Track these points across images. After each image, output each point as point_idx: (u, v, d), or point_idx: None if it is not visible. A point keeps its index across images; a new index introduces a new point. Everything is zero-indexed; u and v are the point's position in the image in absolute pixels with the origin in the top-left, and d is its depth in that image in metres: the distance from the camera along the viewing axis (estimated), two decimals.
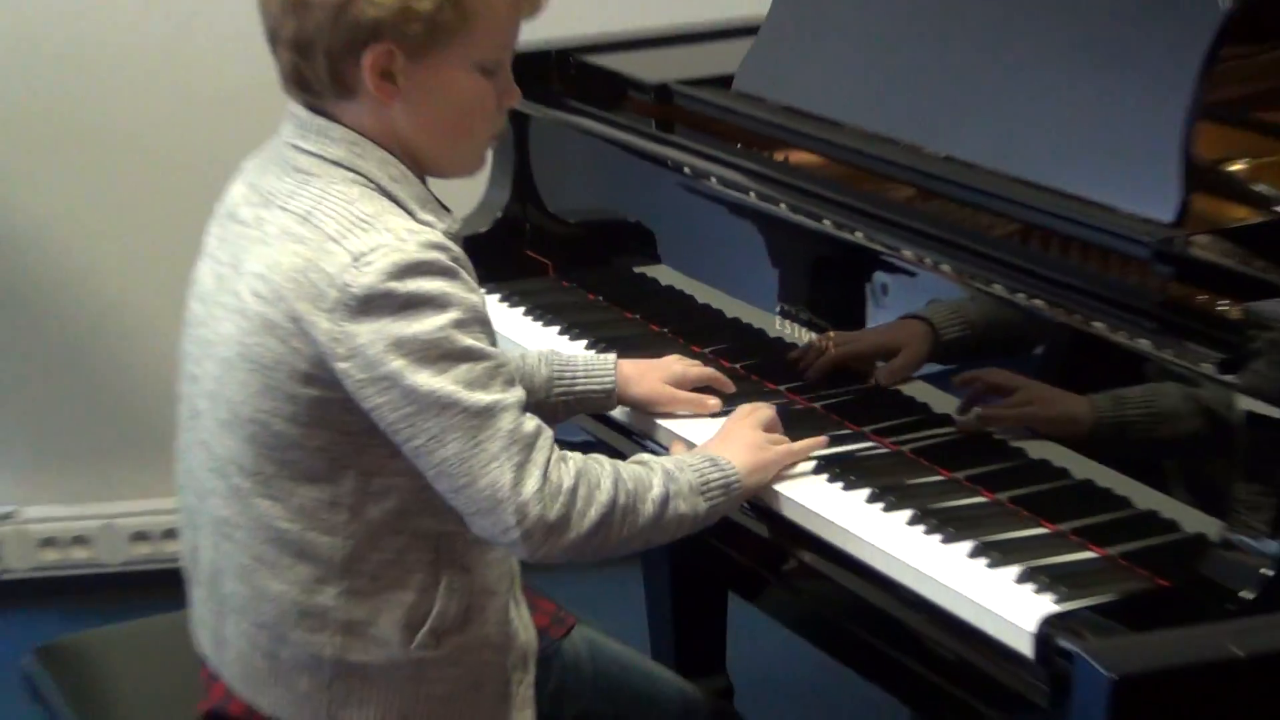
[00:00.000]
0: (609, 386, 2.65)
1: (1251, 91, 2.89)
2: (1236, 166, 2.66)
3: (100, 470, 4.30)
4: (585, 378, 2.65)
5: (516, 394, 2.21)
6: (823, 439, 2.51)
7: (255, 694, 2.39)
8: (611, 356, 2.70)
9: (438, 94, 2.27)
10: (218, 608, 2.39)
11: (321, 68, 2.22)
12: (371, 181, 2.25)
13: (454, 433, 2.16)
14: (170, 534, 3.96)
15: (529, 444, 2.19)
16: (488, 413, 2.17)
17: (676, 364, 2.71)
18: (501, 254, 3.24)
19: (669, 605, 3.28)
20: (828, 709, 3.73)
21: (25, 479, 4.34)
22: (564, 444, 2.64)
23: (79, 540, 4.35)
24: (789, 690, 3.65)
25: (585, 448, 2.73)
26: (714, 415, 2.64)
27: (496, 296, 3.13)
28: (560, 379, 2.63)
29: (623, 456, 2.41)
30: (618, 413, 2.73)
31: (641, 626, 3.33)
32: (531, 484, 2.17)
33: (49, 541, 4.35)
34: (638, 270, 3.06)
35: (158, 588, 2.57)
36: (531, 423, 2.21)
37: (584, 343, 2.95)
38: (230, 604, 2.36)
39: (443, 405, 2.16)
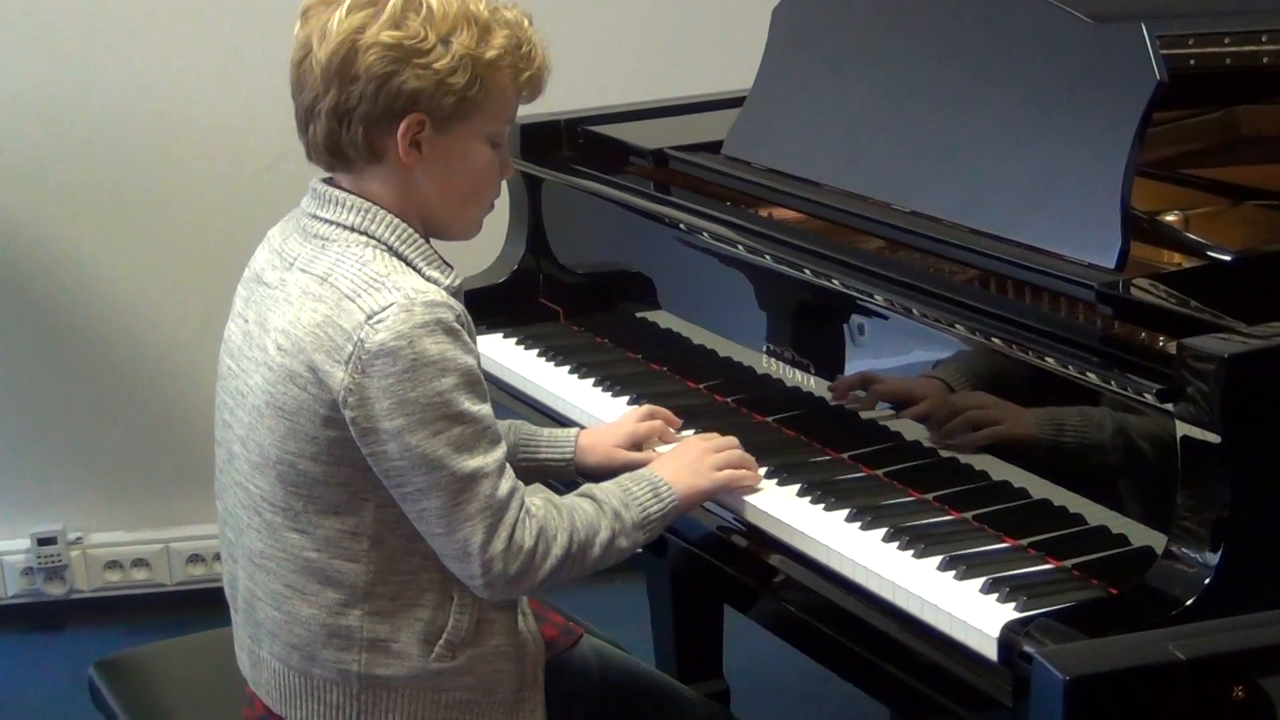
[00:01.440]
0: (568, 457, 2.65)
1: (1181, 151, 2.90)
2: (1170, 218, 2.66)
3: (158, 500, 4.30)
4: (547, 448, 2.66)
5: (497, 454, 2.25)
6: (756, 478, 2.51)
7: (291, 710, 2.39)
8: (573, 431, 2.69)
9: (456, 161, 2.30)
10: (254, 632, 2.40)
11: (358, 135, 2.24)
12: (382, 243, 2.27)
13: (438, 491, 2.21)
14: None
15: (501, 509, 2.23)
16: (470, 479, 2.21)
17: (628, 425, 2.69)
18: (517, 302, 3.24)
19: (670, 616, 3.27)
20: (814, 709, 3.72)
21: (91, 508, 4.34)
22: None
23: (139, 562, 4.34)
24: (780, 692, 3.64)
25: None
26: None
27: (513, 340, 3.14)
28: (525, 447, 2.63)
29: None
30: None
31: (645, 636, 3.33)
32: (498, 545, 2.22)
33: (112, 564, 4.35)
34: (639, 315, 3.06)
35: (210, 605, 2.57)
36: (506, 486, 2.25)
37: (590, 380, 2.95)
38: (265, 628, 2.37)
39: (432, 465, 2.20)
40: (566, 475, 2.67)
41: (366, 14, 2.21)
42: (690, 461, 2.47)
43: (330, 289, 2.22)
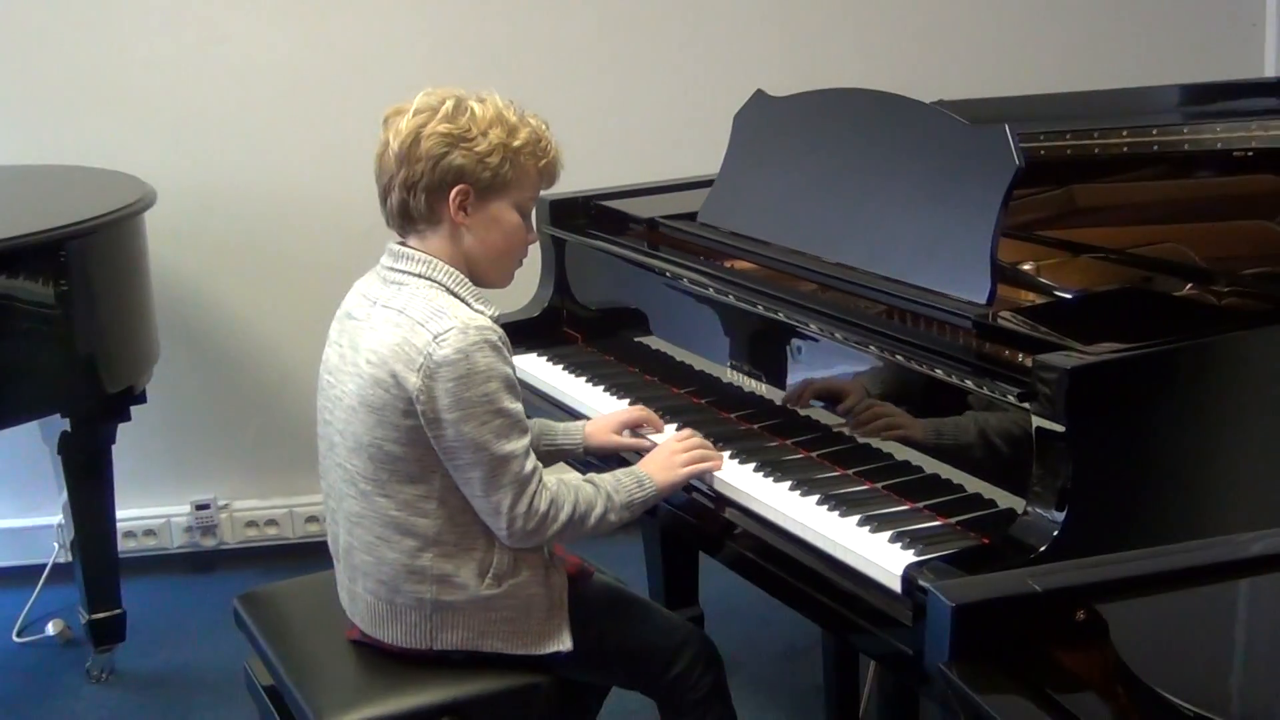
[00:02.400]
0: (577, 443, 2.67)
1: (1034, 218, 2.89)
2: (1026, 266, 2.65)
3: (285, 475, 4.29)
4: (563, 438, 2.67)
5: (526, 441, 2.29)
6: (716, 462, 2.49)
7: (380, 631, 2.40)
8: (582, 424, 2.70)
9: (493, 224, 2.35)
10: (351, 574, 2.41)
11: (421, 202, 2.31)
12: (442, 285, 2.32)
13: (480, 466, 2.25)
14: None
15: (525, 482, 2.28)
16: (505, 459, 2.25)
17: (624, 415, 2.71)
18: (547, 330, 3.23)
19: (659, 560, 3.26)
20: (767, 628, 3.71)
21: (236, 482, 4.33)
22: None
23: (270, 522, 4.33)
24: (741, 616, 3.62)
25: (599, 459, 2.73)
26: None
27: (545, 359, 3.13)
28: (546, 437, 2.64)
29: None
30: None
31: (641, 575, 3.31)
32: (521, 508, 2.27)
33: (251, 523, 4.33)
34: (637, 340, 3.04)
35: (322, 555, 2.55)
36: (530, 465, 2.29)
37: (601, 387, 2.93)
38: (360, 570, 2.38)
39: (478, 447, 2.24)
40: (578, 457, 2.70)
41: (428, 114, 2.30)
42: (665, 460, 2.48)
43: (406, 318, 2.27)
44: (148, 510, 4.29)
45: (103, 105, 4.04)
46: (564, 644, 2.39)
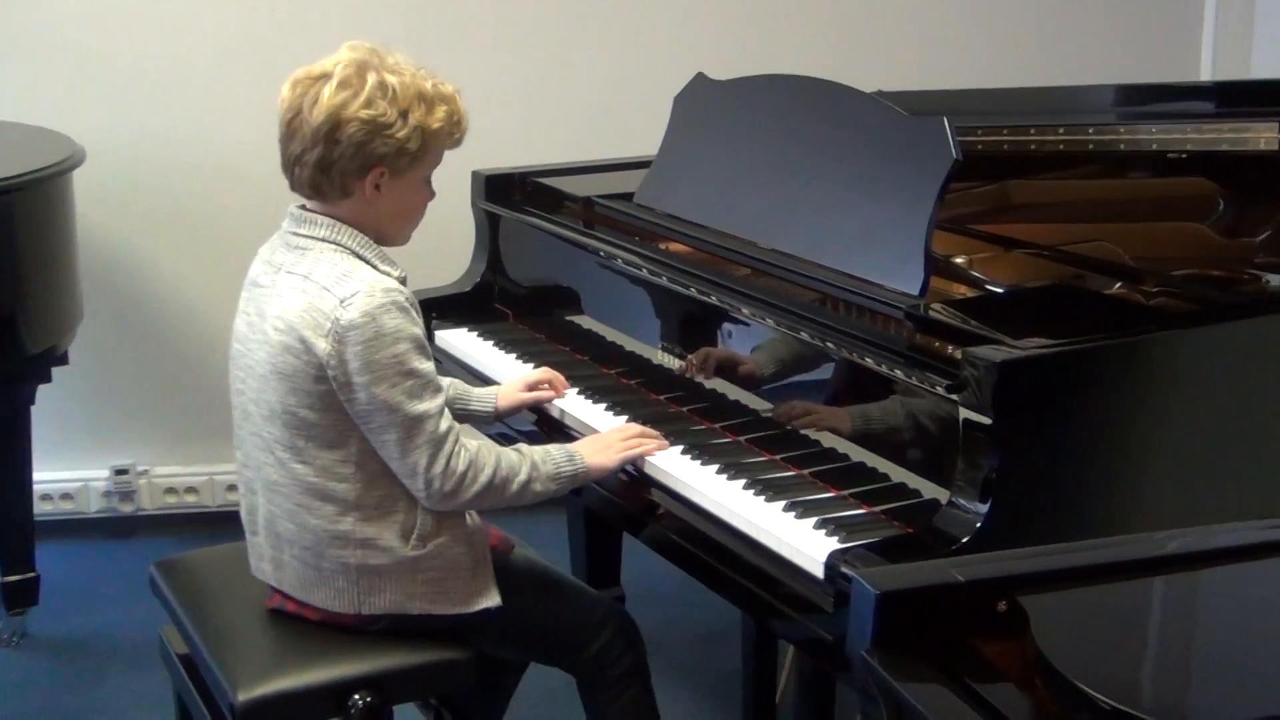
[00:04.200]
0: (489, 409, 2.71)
1: (968, 212, 2.91)
2: (959, 259, 2.66)
3: (206, 442, 4.24)
4: (476, 403, 2.70)
5: (439, 401, 2.30)
6: (653, 447, 2.48)
7: (308, 595, 2.39)
8: (494, 389, 2.74)
9: (402, 196, 2.36)
10: (275, 543, 2.40)
11: (336, 181, 2.31)
12: (347, 248, 2.32)
13: (395, 428, 2.26)
14: None
15: (440, 442, 2.28)
16: (419, 418, 2.26)
17: (530, 376, 2.76)
18: (479, 305, 3.22)
19: (583, 539, 3.25)
20: (687, 610, 3.71)
21: (156, 447, 4.28)
22: (517, 431, 2.63)
23: (190, 489, 4.29)
24: (662, 598, 3.63)
25: (528, 437, 2.73)
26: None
27: (475, 334, 3.11)
28: (459, 401, 2.66)
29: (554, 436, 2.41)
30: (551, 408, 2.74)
31: (565, 553, 3.31)
32: (437, 468, 2.27)
33: (170, 490, 4.29)
34: (568, 318, 3.04)
35: (242, 523, 2.53)
36: (444, 424, 2.29)
37: (531, 364, 2.92)
38: (284, 538, 2.38)
39: (390, 409, 2.25)
40: (489, 420, 2.73)
41: (349, 93, 2.28)
42: (602, 442, 2.49)
43: (311, 283, 2.28)
44: (65, 473, 4.23)
45: (31, 60, 3.98)
46: (493, 600, 2.40)
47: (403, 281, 2.32)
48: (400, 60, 2.33)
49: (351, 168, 2.29)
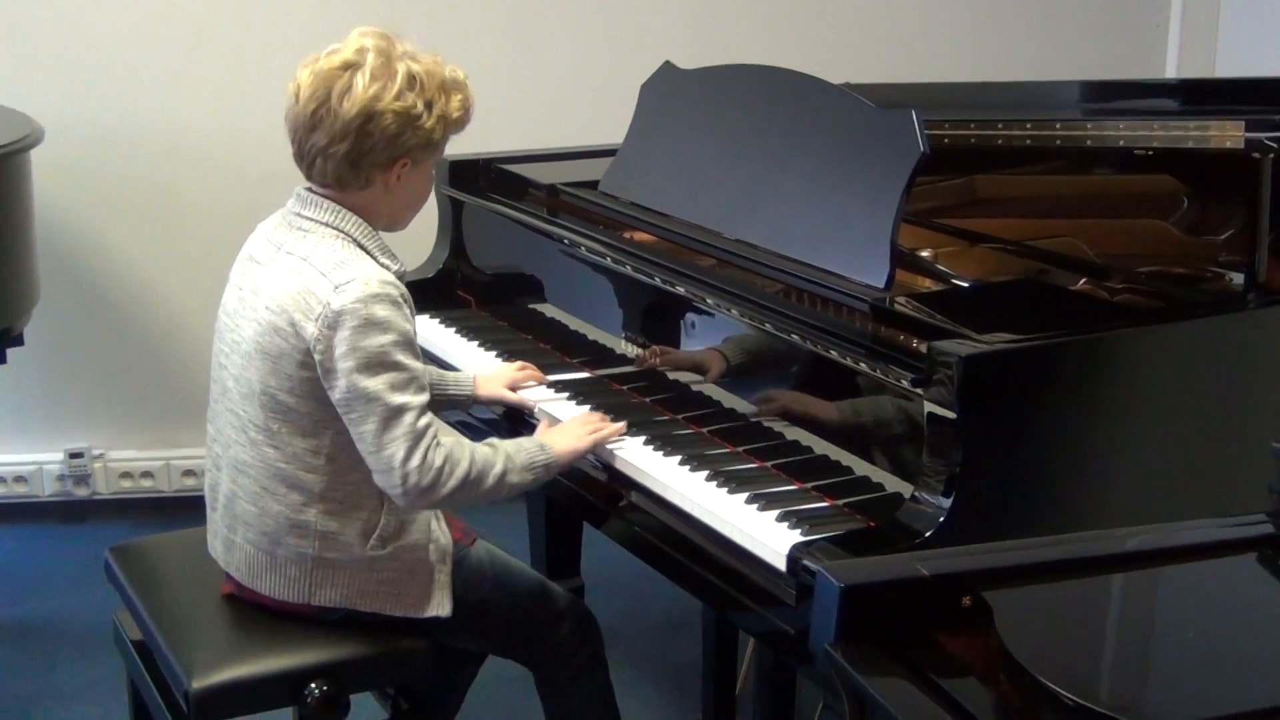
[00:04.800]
0: (467, 394, 2.70)
1: (935, 205, 2.91)
2: (925, 253, 2.67)
3: (163, 427, 4.22)
4: (454, 387, 2.70)
5: (422, 398, 2.26)
6: (618, 429, 2.48)
7: (257, 582, 2.38)
8: (470, 374, 2.74)
9: (418, 185, 2.36)
10: (231, 523, 2.38)
11: (362, 174, 2.27)
12: (348, 236, 2.29)
13: (374, 417, 2.22)
14: None
15: (419, 437, 2.24)
16: (399, 410, 2.22)
17: (509, 372, 2.74)
18: (441, 292, 3.20)
19: (543, 530, 3.24)
20: (648, 603, 3.71)
21: (111, 431, 4.25)
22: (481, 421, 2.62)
23: (146, 474, 4.25)
24: (622, 589, 3.62)
25: (492, 426, 2.72)
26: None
27: (437, 320, 3.10)
28: (437, 386, 2.65)
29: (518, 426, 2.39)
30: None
31: (525, 544, 3.30)
32: (414, 462, 2.23)
33: (126, 474, 4.26)
34: (531, 306, 3.03)
35: (198, 509, 2.51)
36: (424, 420, 2.25)
37: (494, 353, 2.91)
38: (241, 520, 2.36)
39: (370, 399, 2.21)
40: (466, 405, 2.73)
41: (381, 84, 2.24)
42: (571, 430, 2.47)
43: (309, 267, 2.25)
44: (19, 456, 4.20)
45: None
46: (443, 609, 2.38)
47: (400, 277, 2.29)
48: (412, 47, 2.31)
49: (380, 160, 2.26)
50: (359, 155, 2.25)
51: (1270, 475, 1.83)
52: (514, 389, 2.71)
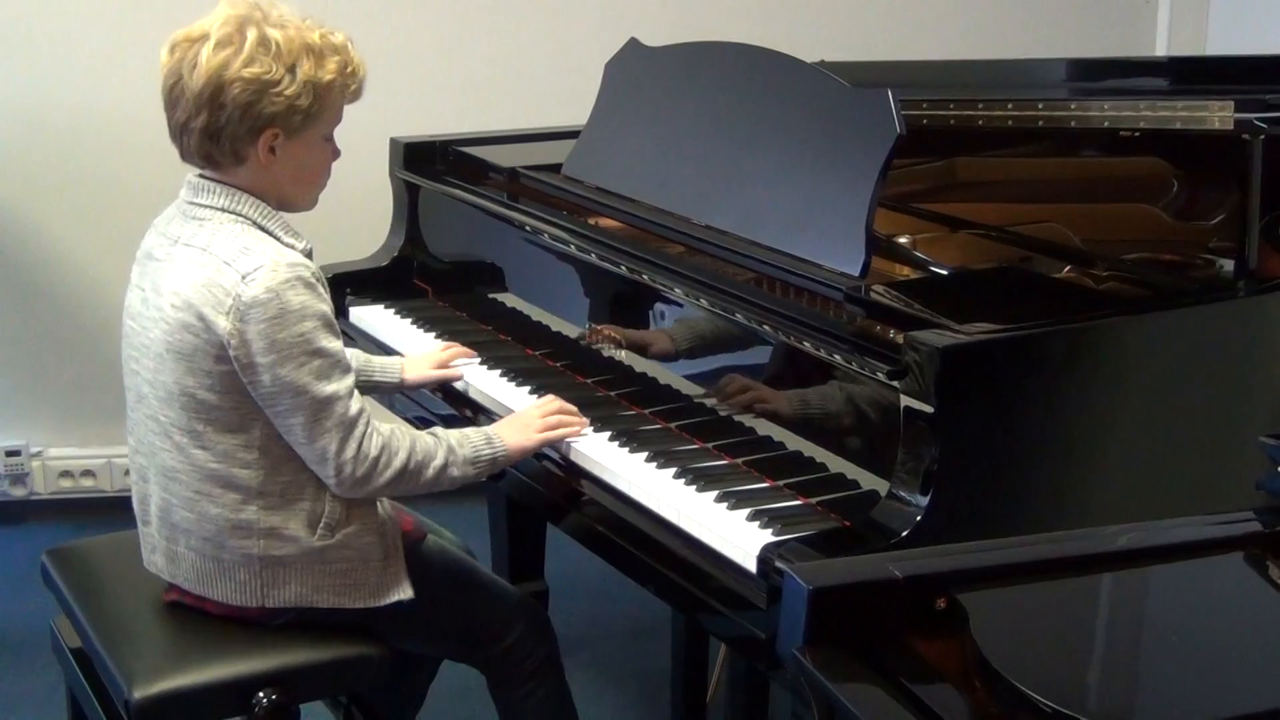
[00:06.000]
0: (394, 380, 2.75)
1: (913, 190, 2.92)
2: (902, 240, 2.67)
3: (104, 423, 4.20)
4: (380, 373, 2.74)
5: (349, 381, 2.28)
6: (576, 429, 2.48)
7: (207, 589, 2.37)
8: (398, 359, 2.78)
9: (302, 157, 2.33)
10: (170, 534, 2.37)
11: (226, 147, 2.27)
12: (248, 219, 2.29)
13: (302, 410, 2.23)
14: None
15: (351, 425, 2.26)
16: (327, 401, 2.24)
17: (436, 354, 2.80)
18: (396, 281, 3.20)
19: (504, 530, 3.25)
20: (613, 606, 3.72)
21: (50, 428, 4.24)
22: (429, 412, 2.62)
23: (86, 473, 4.25)
24: (587, 593, 3.63)
25: (449, 420, 2.72)
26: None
27: (392, 310, 3.10)
28: (361, 372, 2.67)
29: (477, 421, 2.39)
30: (474, 393, 2.72)
31: (484, 544, 3.30)
32: (348, 452, 2.25)
33: (65, 473, 4.25)
34: (491, 296, 3.03)
35: None
36: (355, 407, 2.27)
37: (442, 343, 2.91)
38: (180, 529, 2.35)
39: (297, 391, 2.22)
40: (392, 391, 2.77)
41: (229, 52, 2.24)
42: (521, 422, 2.48)
43: (210, 257, 2.25)
44: None
45: None
46: (405, 592, 2.38)
47: (308, 255, 2.29)
48: (284, 13, 2.29)
49: (241, 131, 2.25)
50: (216, 129, 2.25)
51: (1259, 471, 1.85)
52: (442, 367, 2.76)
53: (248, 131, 2.26)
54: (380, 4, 4.00)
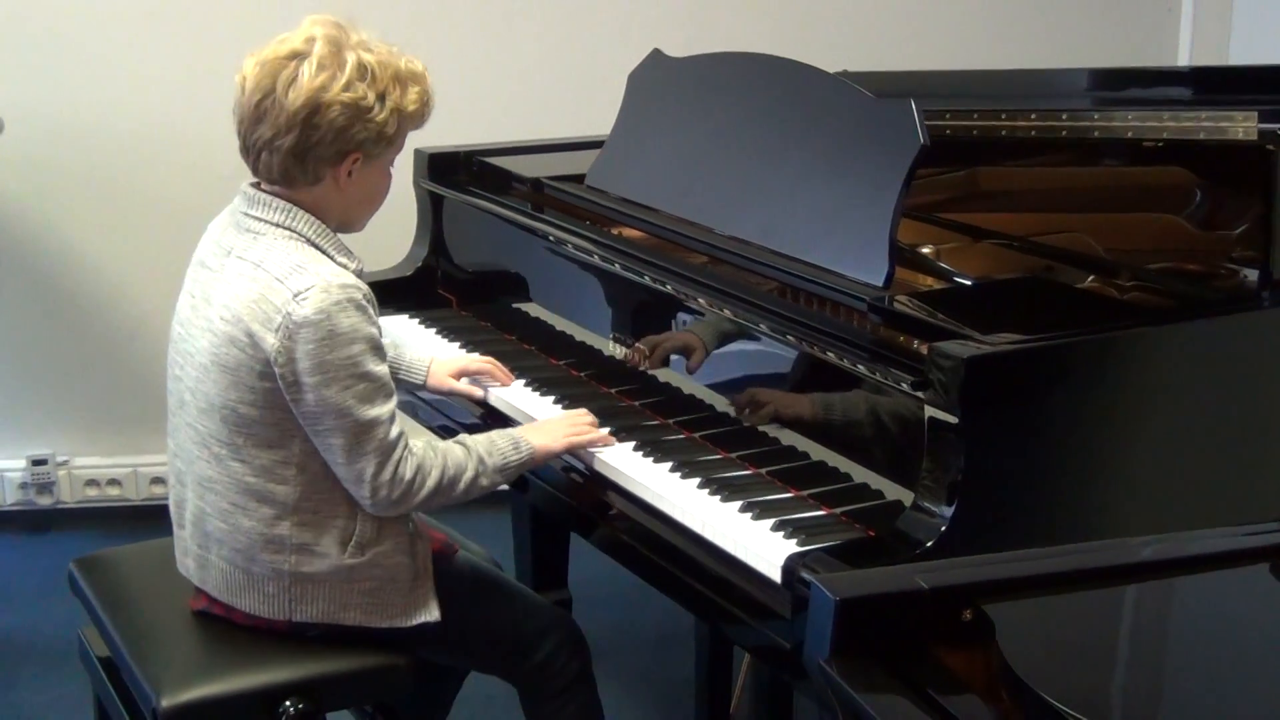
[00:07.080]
0: (420, 379, 2.76)
1: (936, 199, 2.92)
2: (926, 250, 2.68)
3: (130, 432, 4.22)
4: (405, 372, 2.75)
5: (391, 406, 2.28)
6: (601, 437, 2.49)
7: (235, 599, 2.37)
8: (427, 359, 2.78)
9: (375, 182, 2.35)
10: (203, 541, 2.37)
11: (310, 168, 2.27)
12: (302, 236, 2.28)
13: (343, 432, 2.23)
14: None
15: (390, 449, 2.26)
16: (369, 424, 2.24)
17: (463, 362, 2.80)
18: (421, 291, 3.21)
19: (528, 540, 3.25)
20: (638, 615, 3.72)
21: (76, 437, 4.25)
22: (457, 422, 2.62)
23: (113, 482, 4.26)
24: (611, 602, 3.63)
25: (472, 428, 2.73)
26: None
27: (416, 320, 3.11)
28: (390, 364, 2.63)
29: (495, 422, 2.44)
30: (496, 402, 2.75)
31: (509, 554, 3.30)
32: (385, 476, 2.26)
33: (91, 482, 4.26)
34: (515, 306, 3.03)
35: (169, 518, 2.51)
36: (395, 431, 2.27)
37: (477, 355, 2.91)
38: (213, 538, 2.35)
39: (340, 413, 2.22)
40: (421, 389, 2.78)
41: (328, 75, 2.23)
42: (549, 428, 2.48)
43: (263, 273, 2.24)
44: None
45: None
46: (431, 614, 2.38)
47: (360, 274, 2.29)
48: (367, 37, 2.30)
49: (328, 154, 2.25)
50: (305, 149, 2.24)
51: None
52: (466, 379, 2.76)
53: (335, 154, 2.26)
54: (404, 17, 4.01)
